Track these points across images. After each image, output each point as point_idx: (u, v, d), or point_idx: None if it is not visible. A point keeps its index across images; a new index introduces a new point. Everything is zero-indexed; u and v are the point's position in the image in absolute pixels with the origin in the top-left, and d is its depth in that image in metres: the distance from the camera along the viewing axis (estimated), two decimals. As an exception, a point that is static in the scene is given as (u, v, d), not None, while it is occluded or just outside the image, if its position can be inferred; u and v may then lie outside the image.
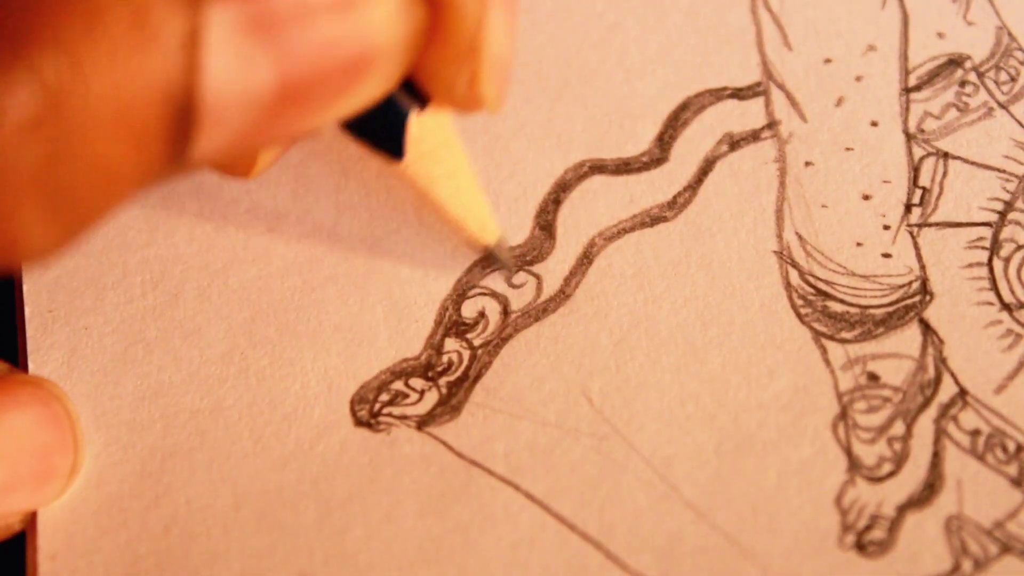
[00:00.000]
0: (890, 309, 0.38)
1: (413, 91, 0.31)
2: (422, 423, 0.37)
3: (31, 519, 0.36)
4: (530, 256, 0.39)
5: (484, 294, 0.39)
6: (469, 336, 0.38)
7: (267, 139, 0.27)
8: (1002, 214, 0.39)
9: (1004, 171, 0.40)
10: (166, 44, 0.24)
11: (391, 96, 0.30)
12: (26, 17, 0.23)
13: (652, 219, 0.40)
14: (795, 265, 0.39)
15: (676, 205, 0.40)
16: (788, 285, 0.39)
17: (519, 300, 0.39)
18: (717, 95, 0.42)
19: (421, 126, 0.33)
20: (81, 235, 0.25)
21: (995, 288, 0.38)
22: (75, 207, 0.24)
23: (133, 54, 0.23)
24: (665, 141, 0.41)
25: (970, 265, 0.39)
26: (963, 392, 0.37)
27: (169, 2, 0.23)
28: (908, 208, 0.40)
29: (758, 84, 0.42)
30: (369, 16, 0.27)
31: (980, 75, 0.42)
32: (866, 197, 0.40)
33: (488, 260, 0.39)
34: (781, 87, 0.42)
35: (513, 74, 0.32)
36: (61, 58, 0.23)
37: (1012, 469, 0.36)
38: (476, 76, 0.30)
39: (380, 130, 0.33)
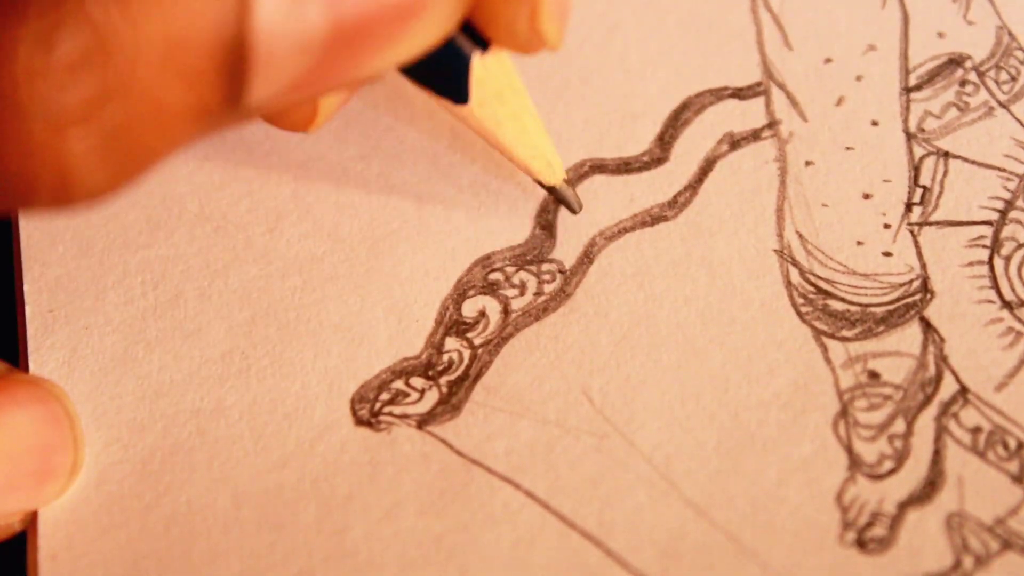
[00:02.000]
0: (891, 307, 0.38)
1: (473, 34, 0.30)
2: (423, 422, 0.37)
3: (31, 519, 0.36)
4: (531, 255, 0.39)
5: (484, 293, 0.39)
6: (470, 335, 0.38)
7: (324, 85, 0.27)
8: (1003, 213, 0.39)
9: (1005, 170, 0.40)
10: None
11: (452, 40, 0.30)
12: None
13: (653, 218, 0.40)
14: (796, 264, 0.39)
15: (677, 204, 0.40)
16: (789, 284, 0.39)
17: (519, 299, 0.39)
18: (717, 95, 0.42)
19: (484, 68, 0.33)
20: (136, 175, 0.25)
21: (996, 286, 0.38)
22: (128, 144, 0.25)
23: None
24: (666, 141, 0.41)
25: (971, 263, 0.39)
26: (964, 390, 0.37)
27: None
28: (909, 207, 0.40)
29: (758, 84, 0.42)
30: None
31: (980, 74, 0.42)
32: (867, 196, 0.40)
33: (555, 197, 0.39)
34: (781, 87, 0.42)
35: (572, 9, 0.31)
36: None
37: (1013, 466, 0.36)
38: (536, 13, 0.30)
39: (443, 75, 0.33)
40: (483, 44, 0.31)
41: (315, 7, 0.25)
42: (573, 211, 0.39)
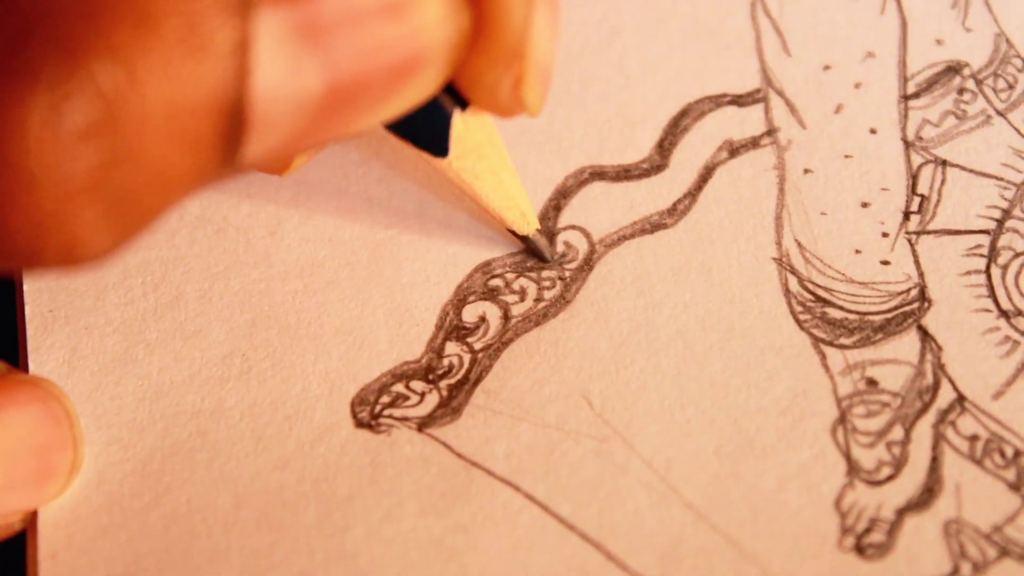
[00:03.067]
0: (889, 316, 0.38)
1: (454, 93, 0.31)
2: (423, 425, 0.37)
3: (31, 518, 0.36)
4: (531, 262, 0.40)
5: (485, 299, 0.39)
6: (470, 340, 0.38)
7: (315, 142, 0.28)
8: (1000, 222, 0.40)
9: (1002, 179, 0.40)
10: (217, 52, 0.24)
11: (434, 98, 0.30)
12: (82, 29, 0.23)
13: (652, 226, 0.40)
14: (794, 272, 0.39)
15: (676, 212, 0.40)
16: (787, 291, 0.39)
17: (520, 305, 0.39)
18: (717, 102, 0.42)
19: (464, 123, 0.34)
20: (137, 235, 0.26)
21: (993, 295, 0.39)
22: (132, 209, 0.25)
23: (185, 62, 0.24)
24: (665, 148, 0.41)
25: (968, 272, 0.39)
26: (961, 398, 0.37)
27: (219, 11, 0.24)
28: (906, 215, 0.40)
29: (757, 91, 0.42)
30: (416, 20, 0.27)
31: (978, 82, 0.42)
32: (865, 204, 0.40)
33: (528, 248, 0.40)
34: (780, 94, 0.42)
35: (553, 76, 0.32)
36: (116, 67, 0.23)
37: (1010, 474, 0.36)
38: (520, 81, 0.30)
39: (424, 130, 0.33)
40: (463, 103, 0.32)
41: (313, 69, 0.26)
42: (545, 260, 0.39)
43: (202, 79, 0.24)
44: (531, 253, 0.40)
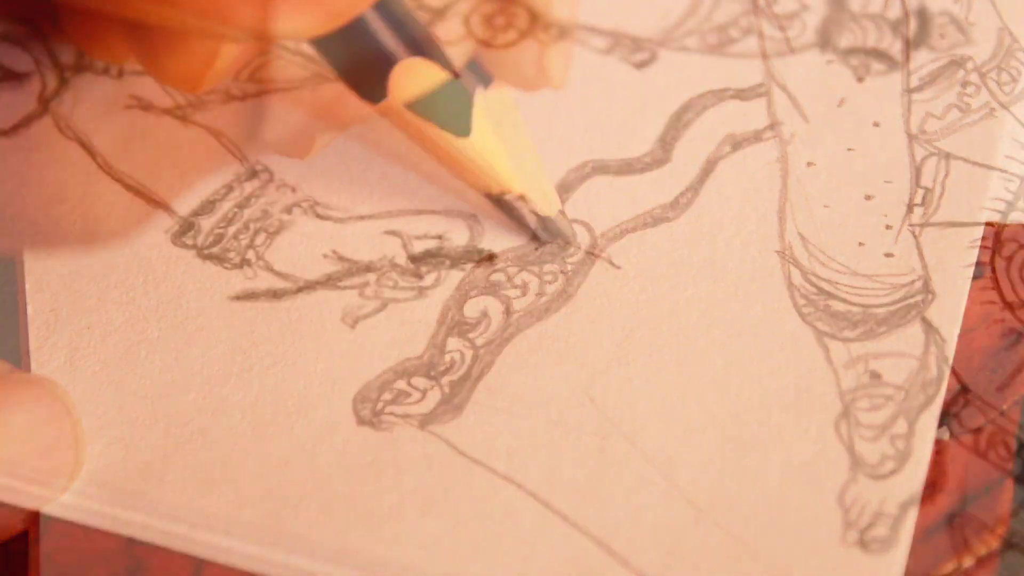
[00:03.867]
0: (892, 308, 0.38)
1: (478, 69, 0.31)
2: (425, 422, 0.37)
3: (33, 518, 0.36)
4: (532, 256, 0.40)
5: (486, 294, 0.39)
6: (471, 335, 0.38)
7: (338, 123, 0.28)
8: (1004, 214, 0.40)
9: (1005, 171, 0.40)
10: None
11: (456, 76, 0.30)
12: None
13: (654, 219, 0.40)
14: (797, 265, 0.39)
15: (678, 205, 0.40)
16: (790, 285, 0.39)
17: (521, 300, 0.39)
18: (719, 96, 0.42)
19: (486, 103, 0.34)
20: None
21: (997, 287, 0.38)
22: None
23: None
24: (667, 142, 0.41)
25: (972, 265, 0.39)
26: (965, 390, 0.37)
27: None
28: (910, 208, 0.40)
29: (760, 85, 0.42)
30: None
31: (982, 76, 0.42)
32: (868, 197, 0.40)
33: (549, 230, 0.40)
34: (783, 88, 0.42)
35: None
36: None
37: (1013, 467, 0.36)
38: (544, 55, 0.30)
39: (447, 110, 0.33)
40: (486, 80, 0.32)
41: None
42: (568, 242, 0.39)
43: None
44: (553, 235, 0.39)
